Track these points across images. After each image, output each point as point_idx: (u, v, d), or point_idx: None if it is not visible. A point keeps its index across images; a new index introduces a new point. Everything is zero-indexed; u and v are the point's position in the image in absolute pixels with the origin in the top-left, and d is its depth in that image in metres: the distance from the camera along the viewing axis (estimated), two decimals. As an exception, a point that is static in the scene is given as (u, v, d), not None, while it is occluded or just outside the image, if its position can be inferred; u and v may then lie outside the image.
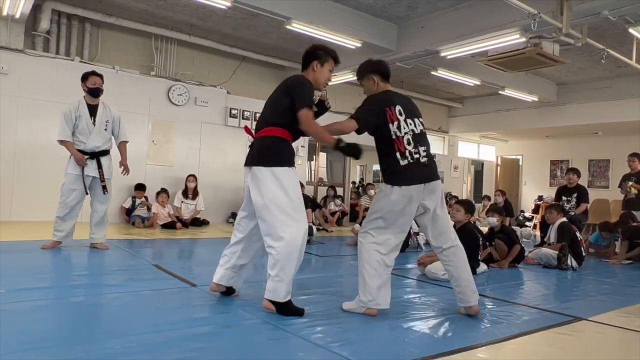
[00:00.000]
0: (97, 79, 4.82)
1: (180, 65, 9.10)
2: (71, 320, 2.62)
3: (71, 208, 4.81)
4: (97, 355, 2.04)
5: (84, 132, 4.79)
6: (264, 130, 2.91)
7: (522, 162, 15.16)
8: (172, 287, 3.47)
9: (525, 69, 7.83)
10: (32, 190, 7.20)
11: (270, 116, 2.93)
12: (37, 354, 2.01)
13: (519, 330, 2.79)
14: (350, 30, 7.38)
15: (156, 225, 7.55)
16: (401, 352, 2.28)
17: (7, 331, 2.29)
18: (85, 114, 4.78)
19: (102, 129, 4.88)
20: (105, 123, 4.90)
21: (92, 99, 4.84)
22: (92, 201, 4.99)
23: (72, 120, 4.73)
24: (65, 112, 4.74)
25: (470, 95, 13.05)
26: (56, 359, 1.98)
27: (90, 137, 4.81)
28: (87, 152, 4.80)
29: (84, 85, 4.83)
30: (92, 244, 5.04)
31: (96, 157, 4.85)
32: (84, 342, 2.20)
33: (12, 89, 7.18)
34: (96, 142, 4.85)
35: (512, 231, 5.78)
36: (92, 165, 4.83)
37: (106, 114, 4.93)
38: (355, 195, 11.93)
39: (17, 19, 7.04)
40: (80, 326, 2.50)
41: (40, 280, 3.44)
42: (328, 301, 3.26)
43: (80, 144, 4.79)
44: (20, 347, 2.08)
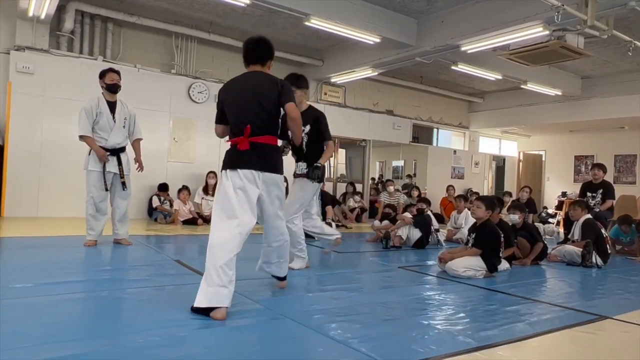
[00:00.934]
0: (115, 75, 4.86)
1: (200, 63, 9.18)
2: (96, 314, 2.68)
3: (99, 205, 4.87)
4: (121, 348, 2.09)
5: (104, 128, 4.83)
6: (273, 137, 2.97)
7: (545, 158, 14.88)
8: (193, 282, 3.50)
9: (549, 62, 7.66)
10: (57, 187, 7.38)
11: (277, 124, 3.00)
12: (63, 345, 2.07)
13: (542, 329, 2.75)
14: (369, 26, 7.34)
15: (178, 221, 7.66)
16: (421, 349, 2.26)
17: (35, 323, 2.36)
18: (105, 111, 4.83)
19: (121, 126, 4.94)
20: (124, 120, 4.97)
21: (111, 95, 4.90)
22: (112, 198, 5.02)
23: (93, 117, 4.76)
24: (86, 107, 4.76)
25: (491, 90, 12.85)
26: (81, 351, 2.03)
27: (111, 134, 4.86)
28: (107, 149, 4.84)
29: (102, 82, 4.88)
30: (116, 240, 5.12)
31: (116, 154, 4.92)
32: (108, 335, 2.25)
33: (37, 88, 7.35)
34: (117, 139, 4.90)
35: (535, 228, 5.69)
36: (112, 161, 4.88)
37: (124, 111, 4.99)
38: (374, 192, 11.88)
39: (42, 20, 7.20)
40: (105, 319, 2.56)
41: (67, 274, 3.52)
42: (347, 297, 3.26)
43: (101, 140, 4.82)
44: (47, 339, 2.14)
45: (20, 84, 7.23)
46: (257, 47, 3.02)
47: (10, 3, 7.20)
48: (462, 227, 7.21)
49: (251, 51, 3.02)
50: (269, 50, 3.05)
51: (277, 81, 2.95)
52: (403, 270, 4.55)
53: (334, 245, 4.86)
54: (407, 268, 4.65)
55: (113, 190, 5.00)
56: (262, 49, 3.03)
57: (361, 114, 11.30)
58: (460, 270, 4.18)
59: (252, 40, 3.02)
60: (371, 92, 11.77)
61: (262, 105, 2.86)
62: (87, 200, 4.86)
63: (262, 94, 2.88)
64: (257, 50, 3.02)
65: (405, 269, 4.61)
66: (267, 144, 2.87)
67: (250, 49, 3.02)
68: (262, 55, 3.03)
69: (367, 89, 11.61)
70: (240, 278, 3.73)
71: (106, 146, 4.84)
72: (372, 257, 5.33)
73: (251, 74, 3.00)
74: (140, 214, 8.09)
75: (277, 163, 2.96)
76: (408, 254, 5.68)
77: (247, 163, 2.79)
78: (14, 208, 7.13)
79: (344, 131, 10.99)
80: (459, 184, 12.59)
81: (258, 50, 3.02)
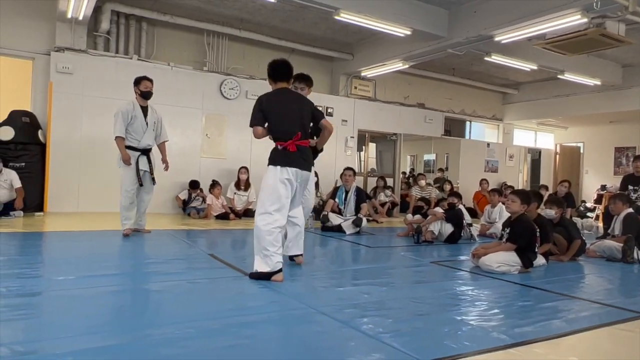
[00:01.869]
0: (149, 83, 5.33)
1: (232, 60, 9.30)
2: (134, 306, 2.77)
3: (132, 198, 5.33)
4: (159, 339, 2.15)
5: (138, 131, 5.27)
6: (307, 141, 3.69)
7: (583, 150, 14.40)
8: (226, 275, 3.58)
9: (587, 51, 7.41)
10: (96, 183, 7.64)
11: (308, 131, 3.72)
12: (103, 336, 2.15)
13: (580, 326, 2.68)
14: (400, 18, 7.25)
15: (211, 216, 7.80)
16: (454, 345, 2.24)
17: (78, 314, 2.46)
18: (140, 115, 5.28)
19: (152, 129, 5.41)
20: (154, 123, 5.44)
21: (144, 101, 5.36)
22: (139, 192, 5.45)
23: (128, 120, 5.20)
24: (122, 111, 5.18)
25: (526, 81, 12.51)
26: (120, 341, 2.10)
27: (144, 136, 5.32)
28: (139, 149, 5.31)
29: (136, 89, 5.31)
30: (138, 229, 5.55)
31: (146, 154, 5.38)
32: (145, 327, 2.32)
33: (76, 88, 7.61)
34: (148, 140, 5.39)
35: (572, 224, 5.50)
36: (143, 160, 5.35)
37: (154, 115, 5.45)
38: (405, 186, 11.78)
39: (80, 21, 7.44)
40: (142, 311, 2.65)
41: (106, 267, 3.65)
42: (379, 292, 3.26)
43: (134, 141, 5.27)
44: (89, 329, 2.23)
45: (60, 84, 7.51)
46: (285, 67, 3.70)
47: (50, 6, 7.48)
48: (496, 222, 7.08)
49: (279, 69, 3.69)
50: (291, 70, 3.76)
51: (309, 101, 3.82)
52: (435, 265, 4.51)
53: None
54: (439, 263, 4.60)
55: (142, 185, 5.44)
56: (289, 69, 3.71)
57: (392, 107, 11.20)
58: (494, 265, 4.10)
59: (281, 62, 3.72)
60: (402, 85, 11.65)
61: (304, 117, 3.65)
62: (122, 194, 5.32)
63: (303, 109, 3.67)
64: (286, 70, 3.70)
65: (438, 264, 4.57)
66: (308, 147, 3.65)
67: (278, 67, 3.69)
68: (289, 74, 3.74)
69: (398, 82, 11.49)
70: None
71: (139, 147, 5.31)
72: (404, 252, 5.30)
73: (287, 90, 3.73)
74: (174, 209, 8.29)
75: (312, 162, 3.76)
76: (440, 249, 5.61)
77: (295, 162, 3.51)
78: (56, 203, 7.43)
79: (374, 125, 10.94)
80: (493, 178, 12.33)
81: (286, 70, 3.71)
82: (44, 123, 7.53)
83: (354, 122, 10.54)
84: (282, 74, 3.66)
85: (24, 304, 2.60)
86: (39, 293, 2.86)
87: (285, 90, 3.70)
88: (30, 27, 7.56)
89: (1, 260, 3.68)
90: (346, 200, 6.96)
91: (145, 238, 5.33)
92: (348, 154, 10.46)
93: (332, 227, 6.69)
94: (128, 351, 2.00)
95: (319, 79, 10.59)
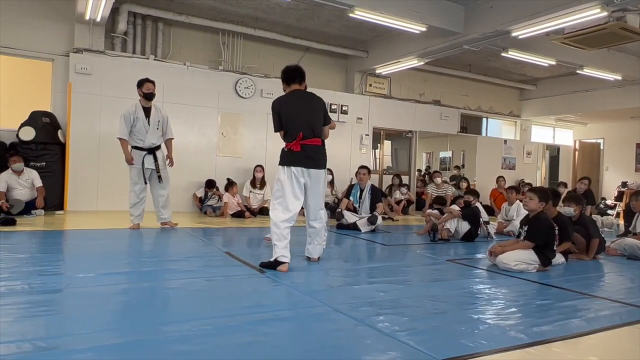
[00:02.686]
0: (151, 85, 5.59)
1: (247, 59, 9.34)
2: (151, 303, 2.81)
3: (139, 195, 5.66)
4: (176, 336, 2.18)
5: (141, 131, 5.56)
6: (320, 140, 3.91)
7: (603, 146, 14.14)
8: (242, 273, 3.61)
9: (607, 45, 7.26)
10: (114, 182, 7.75)
11: (319, 129, 3.92)
12: (122, 332, 2.19)
13: (599, 325, 2.63)
14: (415, 15, 7.20)
15: (227, 214, 7.86)
16: (470, 344, 2.23)
17: (96, 311, 2.51)
18: (141, 116, 5.55)
19: (155, 128, 5.66)
20: (157, 123, 5.67)
21: (147, 102, 5.62)
22: (152, 189, 5.81)
23: (130, 122, 5.50)
24: (125, 114, 5.49)
25: (544, 77, 12.32)
26: (138, 337, 2.14)
27: (147, 136, 5.59)
28: (144, 148, 5.59)
29: (139, 91, 5.59)
30: (163, 223, 5.91)
31: (152, 152, 5.64)
32: (163, 324, 2.35)
33: (95, 88, 7.73)
34: (152, 140, 5.64)
35: (592, 222, 5.38)
36: (149, 159, 5.63)
37: (158, 115, 5.70)
38: (421, 184, 11.71)
39: (98, 22, 7.55)
40: (160, 308, 2.68)
41: (124, 265, 3.72)
42: (395, 290, 3.25)
43: (139, 141, 5.57)
44: (108, 325, 2.27)
45: (79, 84, 7.63)
46: (295, 70, 3.99)
47: (69, 8, 7.60)
48: (513, 220, 6.99)
49: (289, 73, 3.99)
50: (300, 72, 4.01)
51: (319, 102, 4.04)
52: (451, 263, 4.48)
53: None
54: (456, 261, 4.57)
55: (152, 183, 5.78)
56: (298, 71, 3.99)
57: (407, 104, 11.14)
58: (511, 263, 4.06)
59: (292, 67, 4.03)
60: (417, 82, 11.57)
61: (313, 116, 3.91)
62: (129, 191, 5.69)
63: (313, 108, 3.93)
64: (296, 73, 3.98)
65: (454, 262, 4.53)
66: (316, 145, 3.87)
67: (288, 71, 4.00)
68: (299, 76, 3.98)
69: (413, 79, 11.42)
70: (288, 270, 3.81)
71: (143, 146, 5.59)
72: (420, 250, 5.28)
73: (298, 92, 3.96)
74: (191, 207, 8.37)
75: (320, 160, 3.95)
76: (457, 247, 5.57)
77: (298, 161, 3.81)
78: (76, 202, 7.56)
79: (389, 122, 10.89)
80: (510, 175, 12.19)
81: (296, 73, 3.98)
82: (64, 123, 7.67)
83: (369, 120, 10.51)
84: (292, 77, 3.95)
85: (46, 301, 2.65)
86: (60, 290, 2.92)
87: (297, 92, 3.95)
88: (49, 29, 7.70)
89: (23, 258, 3.77)
90: (361, 199, 6.94)
91: (163, 236, 5.40)
92: (363, 152, 10.43)
93: (348, 225, 6.68)
94: (146, 347, 2.03)
95: (333, 77, 10.60)
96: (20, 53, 7.58)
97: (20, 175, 6.61)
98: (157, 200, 5.83)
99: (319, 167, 3.87)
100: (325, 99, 9.66)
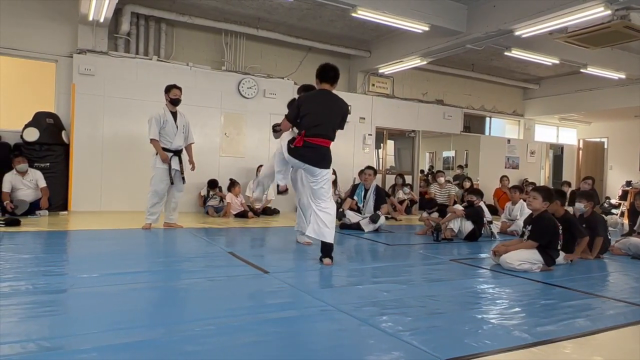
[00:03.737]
0: (178, 92, 5.79)
1: (249, 59, 9.35)
2: (155, 303, 2.82)
3: (161, 196, 5.80)
4: (180, 336, 2.18)
5: (170, 134, 5.75)
6: (328, 141, 4.03)
7: (607, 145, 14.08)
8: (245, 273, 3.61)
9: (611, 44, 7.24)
10: (118, 183, 7.78)
11: (334, 133, 4.07)
12: (126, 332, 2.19)
13: (604, 325, 2.62)
14: (417, 14, 7.19)
15: (230, 214, 7.87)
16: (474, 344, 2.22)
17: (101, 311, 2.52)
18: (170, 120, 5.77)
19: (181, 132, 5.88)
20: (183, 126, 5.91)
21: (173, 107, 5.82)
22: (170, 190, 5.89)
23: (160, 124, 5.69)
24: (155, 116, 5.69)
25: (547, 76, 12.29)
26: (143, 338, 2.14)
27: (175, 138, 5.79)
28: (172, 150, 5.77)
29: (167, 96, 5.79)
30: (169, 224, 6.01)
31: (178, 154, 5.82)
32: (167, 324, 2.36)
33: (98, 89, 7.75)
34: (179, 142, 5.85)
35: (602, 221, 5.27)
36: (175, 160, 5.80)
37: (182, 120, 5.92)
38: (424, 183, 11.69)
39: (101, 24, 7.57)
40: (163, 308, 2.69)
41: (128, 265, 3.72)
42: (398, 290, 3.24)
43: (167, 143, 5.75)
44: (112, 325, 2.27)
45: (83, 85, 7.65)
46: (333, 71, 4.10)
47: (72, 9, 7.63)
48: (517, 219, 6.97)
49: (325, 71, 4.10)
50: (337, 76, 4.15)
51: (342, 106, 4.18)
52: (455, 263, 4.47)
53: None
54: (459, 261, 4.56)
55: (172, 184, 5.85)
56: (335, 74, 4.10)
57: (410, 104, 11.12)
58: (515, 263, 4.05)
59: (331, 66, 4.14)
60: (420, 81, 11.56)
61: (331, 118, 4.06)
62: (151, 191, 5.76)
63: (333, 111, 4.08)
64: (332, 73, 4.10)
65: (457, 262, 4.52)
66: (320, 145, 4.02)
67: (325, 69, 4.11)
68: (333, 78, 4.11)
69: (416, 78, 11.41)
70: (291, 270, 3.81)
71: (171, 148, 5.77)
72: (423, 249, 5.27)
73: (326, 92, 4.09)
74: (195, 208, 8.38)
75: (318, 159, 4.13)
76: (460, 247, 5.56)
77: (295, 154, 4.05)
78: (79, 202, 7.58)
79: (392, 122, 10.88)
80: (514, 175, 12.16)
81: (333, 74, 4.10)
82: (67, 124, 7.69)
83: (372, 120, 10.50)
84: (326, 75, 4.06)
85: (50, 301, 2.66)
86: (64, 290, 2.93)
87: (324, 91, 4.08)
88: (53, 30, 7.73)
89: (28, 259, 3.78)
90: (365, 199, 6.93)
91: (167, 236, 5.42)
92: (366, 152, 10.42)
93: (351, 225, 6.68)
94: (150, 347, 2.04)
95: (336, 77, 10.57)
96: (24, 54, 7.61)
97: (24, 176, 6.64)
98: (171, 202, 5.98)
99: (312, 165, 4.03)
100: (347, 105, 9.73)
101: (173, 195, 5.97)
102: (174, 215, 6.07)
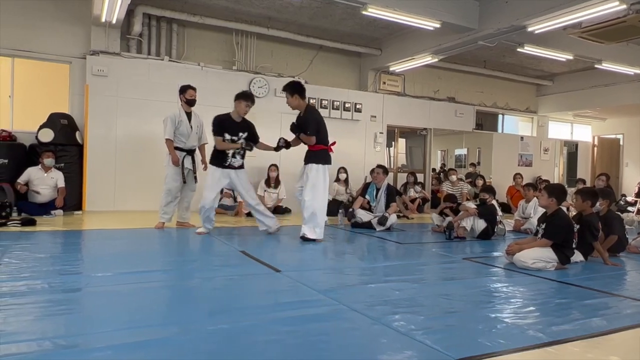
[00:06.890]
0: (194, 92, 5.89)
1: (260, 58, 9.37)
2: (169, 302, 2.84)
3: (174, 195, 5.86)
4: (194, 334, 2.20)
5: (184, 133, 5.83)
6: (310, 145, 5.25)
7: (623, 142, 13.87)
8: (258, 272, 3.63)
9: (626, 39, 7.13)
10: (131, 182, 7.85)
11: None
12: (140, 331, 2.21)
13: (620, 325, 2.58)
14: (429, 11, 7.15)
15: (242, 213, 7.90)
16: (488, 343, 2.20)
17: (115, 310, 2.54)
18: (185, 120, 5.84)
19: (195, 132, 5.96)
20: (197, 127, 5.99)
21: (188, 107, 5.91)
22: (183, 189, 5.96)
23: (175, 124, 5.77)
24: (171, 117, 5.76)
25: (561, 72, 12.14)
26: (157, 336, 2.16)
27: (189, 138, 5.88)
28: (185, 150, 5.85)
29: (182, 97, 5.87)
30: (182, 223, 6.06)
31: (191, 154, 5.92)
32: (181, 322, 2.37)
33: (111, 89, 7.83)
34: (193, 142, 5.95)
35: (618, 219, 5.17)
36: (188, 160, 5.88)
37: (197, 120, 6.01)
38: (436, 181, 11.63)
39: (114, 25, 7.64)
40: (177, 307, 2.71)
41: (142, 264, 3.75)
42: (410, 289, 3.23)
43: (181, 143, 5.83)
44: (127, 324, 2.29)
45: (96, 86, 7.74)
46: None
47: (85, 11, 7.71)
48: (530, 217, 6.90)
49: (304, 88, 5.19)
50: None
51: None
52: (468, 261, 4.43)
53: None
54: (472, 259, 4.52)
55: (185, 184, 5.91)
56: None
57: (421, 102, 11.06)
58: (529, 262, 4.00)
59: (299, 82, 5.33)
60: (431, 79, 11.49)
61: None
62: (165, 190, 5.82)
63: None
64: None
65: (470, 260, 4.49)
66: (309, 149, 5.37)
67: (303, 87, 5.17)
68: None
69: (427, 76, 11.35)
70: (302, 269, 3.81)
71: (184, 147, 5.85)
72: (435, 248, 5.24)
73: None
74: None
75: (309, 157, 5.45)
76: (473, 245, 5.52)
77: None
78: (94, 202, 7.67)
79: (403, 120, 10.83)
80: (527, 172, 12.03)
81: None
82: (81, 125, 7.78)
83: (383, 118, 10.46)
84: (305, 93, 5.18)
85: (66, 300, 2.70)
86: (79, 289, 2.97)
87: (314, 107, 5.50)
88: (66, 32, 7.82)
89: (43, 258, 3.83)
90: (377, 198, 6.91)
91: (179, 235, 5.46)
92: (377, 150, 10.39)
93: (362, 223, 6.66)
94: (164, 346, 2.05)
95: (347, 75, 10.58)
96: (38, 56, 7.71)
97: (47, 172, 6.81)
98: (182, 201, 6.03)
99: (306, 162, 5.42)
100: (339, 97, 9.76)
101: (186, 194, 6.02)
102: (187, 214, 6.11)
